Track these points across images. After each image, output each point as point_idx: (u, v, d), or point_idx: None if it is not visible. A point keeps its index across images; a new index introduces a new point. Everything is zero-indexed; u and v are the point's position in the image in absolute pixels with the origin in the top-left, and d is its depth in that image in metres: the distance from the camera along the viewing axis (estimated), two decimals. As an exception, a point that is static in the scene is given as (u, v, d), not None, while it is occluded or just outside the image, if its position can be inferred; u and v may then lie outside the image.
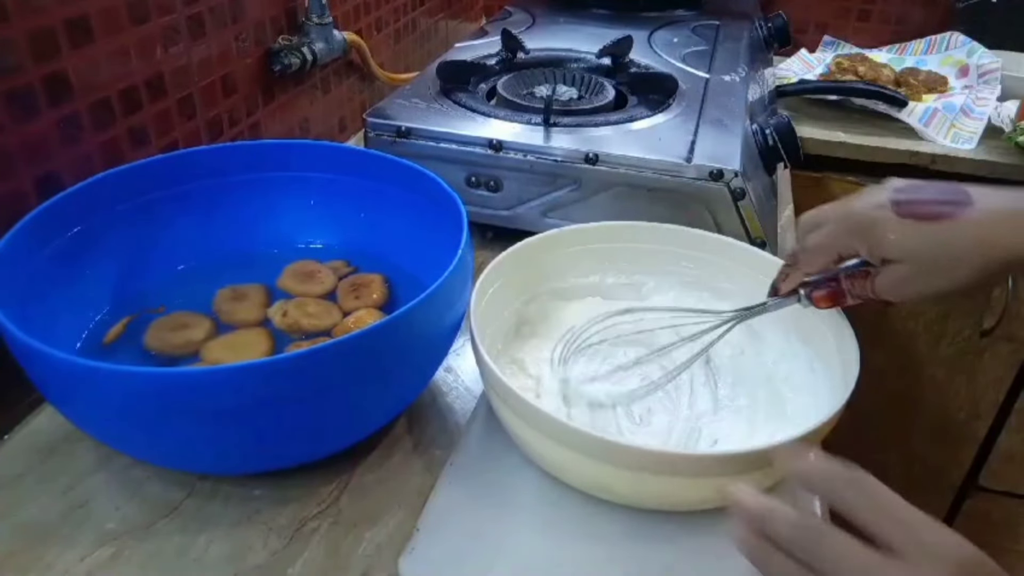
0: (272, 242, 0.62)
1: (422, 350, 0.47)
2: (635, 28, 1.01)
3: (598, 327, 0.54)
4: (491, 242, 0.72)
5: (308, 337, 0.54)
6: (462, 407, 0.54)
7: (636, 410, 0.50)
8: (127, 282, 0.55)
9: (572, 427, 0.40)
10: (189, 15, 0.65)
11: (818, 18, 1.39)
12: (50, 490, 0.46)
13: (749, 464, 0.40)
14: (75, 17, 0.53)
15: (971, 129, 1.05)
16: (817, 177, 1.10)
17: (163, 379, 0.38)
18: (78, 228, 0.51)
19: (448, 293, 0.46)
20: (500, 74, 0.87)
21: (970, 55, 1.21)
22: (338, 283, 0.59)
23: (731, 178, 0.66)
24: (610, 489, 0.44)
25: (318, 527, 0.45)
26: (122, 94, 0.59)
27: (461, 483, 0.47)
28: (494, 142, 0.70)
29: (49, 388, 0.41)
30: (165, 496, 0.46)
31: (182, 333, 0.52)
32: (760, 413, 0.50)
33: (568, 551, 0.43)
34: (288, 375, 0.39)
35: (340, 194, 0.61)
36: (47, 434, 0.50)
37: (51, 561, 0.42)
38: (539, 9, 1.15)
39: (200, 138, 0.70)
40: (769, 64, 1.15)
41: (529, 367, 0.53)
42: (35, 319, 0.43)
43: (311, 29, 0.82)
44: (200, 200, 0.59)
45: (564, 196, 0.71)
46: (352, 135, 0.99)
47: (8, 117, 0.50)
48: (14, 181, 0.51)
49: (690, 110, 0.78)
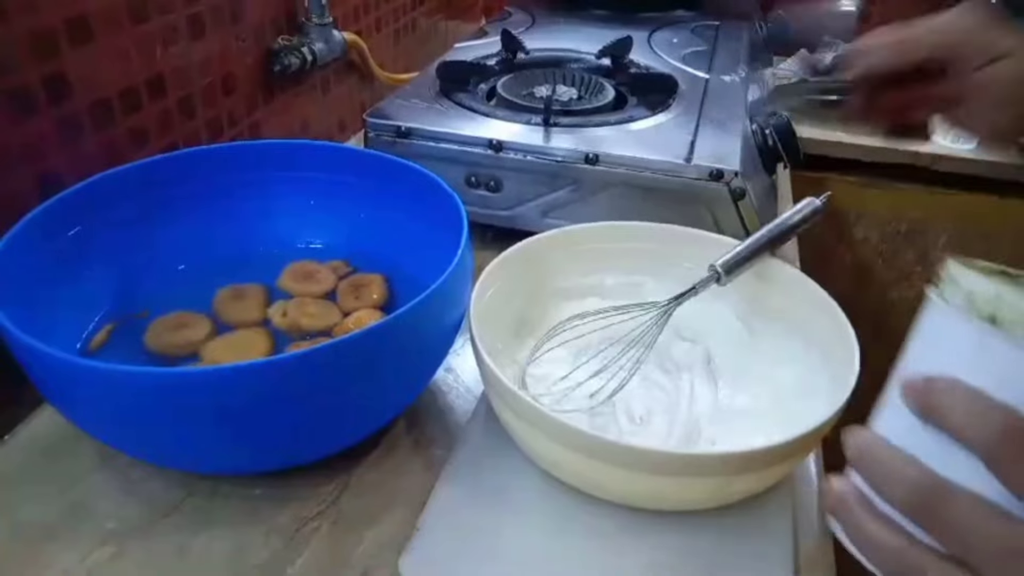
0: (272, 242, 0.61)
1: (422, 350, 0.47)
2: (635, 28, 1.01)
3: (552, 341, 0.53)
4: (491, 242, 0.72)
5: (308, 337, 0.54)
6: (462, 407, 0.54)
7: (636, 410, 0.50)
8: (127, 282, 0.55)
9: (572, 427, 0.40)
10: (189, 15, 0.65)
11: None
12: (50, 490, 0.46)
13: (749, 464, 0.40)
14: (75, 17, 0.53)
15: (971, 129, 1.05)
16: (817, 177, 1.10)
17: (163, 379, 0.38)
18: (78, 228, 0.51)
19: (448, 293, 0.46)
20: (500, 74, 0.87)
21: (970, 55, 1.21)
22: (338, 283, 0.58)
23: (731, 178, 0.66)
24: (610, 489, 0.44)
25: (318, 527, 0.45)
26: (122, 94, 0.59)
27: (461, 483, 0.47)
28: (494, 142, 0.70)
29: (49, 388, 0.41)
30: (165, 496, 0.46)
31: (182, 333, 0.52)
32: (760, 413, 0.50)
33: (568, 550, 0.43)
34: (288, 375, 0.39)
35: (340, 194, 0.61)
36: (47, 434, 0.50)
37: (51, 561, 0.42)
38: (539, 9, 1.15)
39: (200, 138, 0.70)
40: (769, 64, 1.15)
41: (529, 367, 0.53)
42: (35, 319, 0.43)
43: (311, 29, 0.82)
44: (200, 200, 0.59)
45: (564, 196, 0.71)
46: (352, 135, 0.99)
47: (8, 117, 0.50)
48: (14, 181, 0.51)
49: (690, 110, 0.78)
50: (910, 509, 0.28)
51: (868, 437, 0.30)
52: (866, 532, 0.29)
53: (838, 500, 0.31)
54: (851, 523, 0.30)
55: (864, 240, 1.17)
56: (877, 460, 0.30)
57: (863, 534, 0.30)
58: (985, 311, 0.28)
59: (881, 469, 0.29)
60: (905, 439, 0.29)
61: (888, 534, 0.29)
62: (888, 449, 0.29)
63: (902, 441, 0.29)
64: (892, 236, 1.15)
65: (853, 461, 0.31)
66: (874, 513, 0.30)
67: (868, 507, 0.30)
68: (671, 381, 0.53)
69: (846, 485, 0.31)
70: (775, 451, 0.39)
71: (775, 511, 0.46)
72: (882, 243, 1.17)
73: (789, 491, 0.47)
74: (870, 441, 0.30)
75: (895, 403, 0.30)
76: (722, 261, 0.52)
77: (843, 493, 0.31)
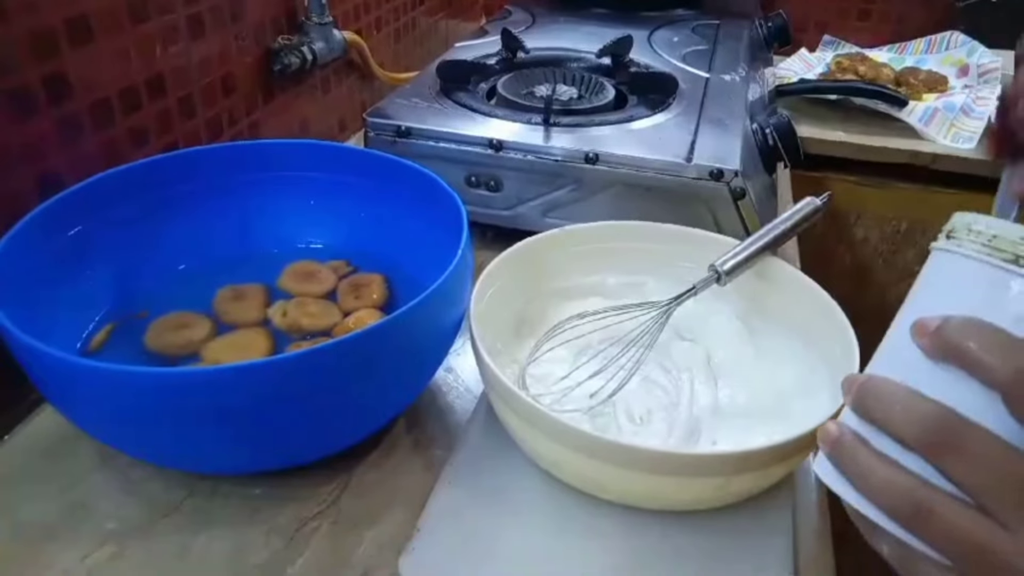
0: (272, 242, 0.61)
1: (422, 350, 0.47)
2: (635, 28, 1.01)
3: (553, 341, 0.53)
4: (491, 242, 0.72)
5: (308, 337, 0.54)
6: (462, 407, 0.54)
7: (636, 410, 0.50)
8: (127, 282, 0.55)
9: (572, 427, 0.40)
10: (189, 15, 0.65)
11: (818, 17, 1.39)
12: (50, 490, 0.46)
13: (749, 464, 0.40)
14: (75, 17, 0.53)
15: (971, 128, 1.05)
16: (817, 177, 1.10)
17: (163, 379, 0.38)
18: (78, 228, 0.51)
19: (448, 293, 0.46)
20: (500, 74, 0.87)
21: (970, 54, 1.21)
22: (338, 283, 0.58)
23: (731, 178, 0.66)
24: (610, 488, 0.44)
25: (318, 527, 0.45)
26: (122, 94, 0.59)
27: (461, 483, 0.47)
28: (494, 142, 0.70)
29: (49, 388, 0.41)
30: (165, 496, 0.46)
31: (182, 333, 0.52)
32: (760, 413, 0.50)
33: (568, 550, 0.43)
34: (288, 375, 0.39)
35: (340, 194, 0.61)
36: (47, 434, 0.50)
37: (51, 561, 0.42)
38: (539, 9, 1.15)
39: (200, 138, 0.70)
40: (769, 63, 1.15)
41: (529, 367, 0.53)
42: (35, 319, 0.43)
43: (311, 29, 0.82)
44: (200, 200, 0.59)
45: (564, 196, 0.71)
46: (352, 135, 0.99)
47: (8, 117, 0.50)
48: (14, 181, 0.51)
49: (690, 110, 0.78)
50: (924, 443, 0.27)
51: (873, 377, 0.29)
52: (870, 470, 0.28)
53: (836, 442, 0.29)
54: (854, 464, 0.29)
55: (864, 240, 1.17)
56: (884, 397, 0.28)
57: (866, 473, 0.28)
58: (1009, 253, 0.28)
59: (891, 405, 0.28)
60: (914, 381, 0.28)
61: (896, 473, 0.27)
62: (896, 386, 0.28)
63: (910, 383, 0.28)
64: (892, 236, 1.15)
65: (855, 401, 0.29)
66: (876, 453, 0.28)
67: (869, 447, 0.29)
68: (671, 381, 0.53)
69: (842, 427, 0.30)
70: (775, 451, 0.39)
71: (775, 511, 0.46)
72: (882, 243, 1.17)
73: (789, 491, 0.47)
74: (876, 381, 0.29)
75: (899, 347, 0.29)
76: (722, 261, 0.52)
77: (840, 433, 0.29)
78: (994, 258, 0.28)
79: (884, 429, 0.28)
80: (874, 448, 0.29)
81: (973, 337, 0.27)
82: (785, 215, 0.55)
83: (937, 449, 0.27)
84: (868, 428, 0.29)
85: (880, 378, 0.29)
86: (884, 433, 0.28)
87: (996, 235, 0.29)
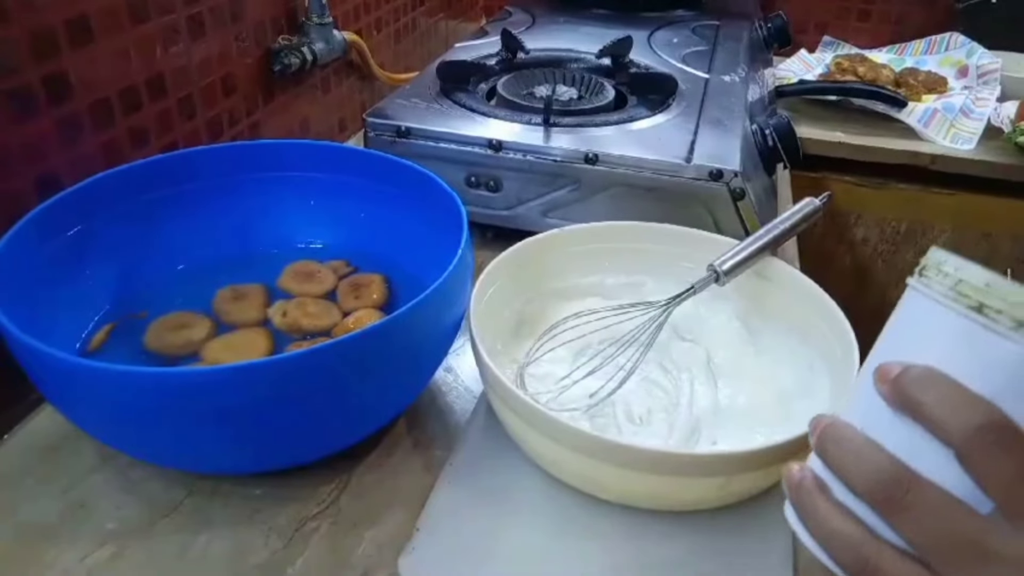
0: (272, 242, 0.61)
1: (422, 350, 0.47)
2: (635, 28, 1.01)
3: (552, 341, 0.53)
4: (491, 242, 0.72)
5: (308, 337, 0.54)
6: (462, 407, 0.54)
7: (636, 410, 0.50)
8: (127, 282, 0.55)
9: (572, 427, 0.40)
10: (189, 15, 0.65)
11: (818, 18, 1.39)
12: (50, 490, 0.46)
13: (749, 464, 0.40)
14: (75, 17, 0.53)
15: (971, 129, 1.05)
16: (817, 178, 1.10)
17: (163, 379, 0.38)
18: (78, 228, 0.51)
19: (448, 293, 0.46)
20: (500, 74, 0.87)
21: (970, 55, 1.22)
22: (338, 283, 0.58)
23: (731, 178, 0.66)
24: (610, 488, 0.44)
25: (318, 527, 0.45)
26: (122, 94, 0.59)
27: (461, 483, 0.47)
28: (494, 142, 0.70)
29: (49, 388, 0.41)
30: (165, 496, 0.46)
31: (182, 333, 0.52)
32: (760, 413, 0.50)
33: (568, 550, 0.43)
34: (288, 375, 0.39)
35: (340, 194, 0.61)
36: (47, 434, 0.50)
37: (51, 561, 0.42)
38: (539, 9, 1.15)
39: (200, 138, 0.70)
40: (769, 64, 1.15)
41: (529, 367, 0.53)
42: (35, 319, 0.43)
43: (311, 29, 0.82)
44: (200, 200, 0.59)
45: (564, 196, 0.71)
46: (352, 135, 0.99)
47: (8, 117, 0.50)
48: (14, 181, 0.51)
49: (690, 110, 0.78)
50: (873, 497, 0.27)
51: (834, 421, 0.29)
52: (823, 519, 0.28)
53: (795, 484, 0.30)
54: (808, 509, 0.29)
55: (864, 240, 1.17)
56: (843, 444, 0.28)
57: (819, 521, 0.28)
58: (973, 299, 0.27)
59: (846, 453, 0.28)
60: (874, 428, 0.28)
61: (845, 523, 0.28)
62: (855, 433, 0.28)
63: (870, 430, 0.28)
64: (892, 236, 1.15)
65: (817, 445, 0.30)
66: (832, 501, 0.28)
67: (827, 494, 0.29)
68: (671, 381, 0.53)
69: (804, 471, 0.30)
70: (775, 451, 0.39)
71: (775, 511, 0.45)
72: (882, 243, 1.17)
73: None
74: (837, 425, 0.29)
75: (865, 390, 0.29)
76: (721, 261, 0.52)
77: (801, 478, 0.30)
78: (959, 304, 0.27)
79: (839, 477, 0.29)
80: (833, 494, 0.29)
81: (930, 391, 0.26)
82: (784, 215, 0.55)
83: (886, 504, 0.27)
84: (829, 473, 0.29)
85: (842, 423, 0.29)
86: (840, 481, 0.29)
87: (962, 279, 0.27)
